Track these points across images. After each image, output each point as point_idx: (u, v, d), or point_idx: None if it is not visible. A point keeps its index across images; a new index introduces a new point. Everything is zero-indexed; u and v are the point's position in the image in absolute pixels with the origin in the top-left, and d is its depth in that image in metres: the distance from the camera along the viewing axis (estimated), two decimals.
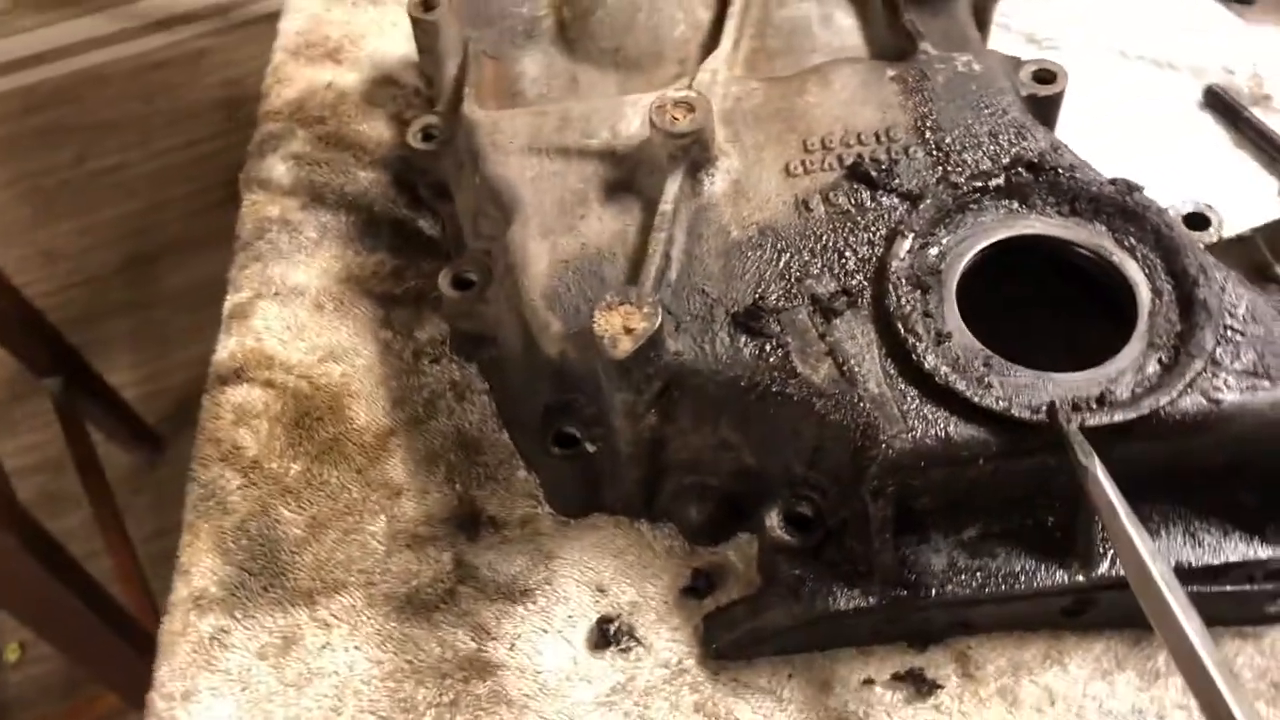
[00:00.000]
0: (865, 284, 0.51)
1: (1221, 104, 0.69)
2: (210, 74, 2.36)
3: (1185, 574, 0.49)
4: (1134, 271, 0.51)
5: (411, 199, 0.69)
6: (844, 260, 0.52)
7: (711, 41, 0.65)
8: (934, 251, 0.52)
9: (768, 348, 0.50)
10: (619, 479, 0.54)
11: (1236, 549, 0.50)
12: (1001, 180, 0.54)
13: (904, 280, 0.51)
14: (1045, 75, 0.61)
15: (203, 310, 0.73)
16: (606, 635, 0.53)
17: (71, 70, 2.47)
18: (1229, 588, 0.50)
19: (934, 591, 0.49)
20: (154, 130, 2.26)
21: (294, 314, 0.65)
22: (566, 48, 0.67)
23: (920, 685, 0.51)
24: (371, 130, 0.73)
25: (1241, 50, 0.72)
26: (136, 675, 0.59)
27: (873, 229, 0.53)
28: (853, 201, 0.54)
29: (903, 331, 0.49)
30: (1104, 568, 0.49)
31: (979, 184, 0.54)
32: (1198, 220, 0.54)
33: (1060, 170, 0.54)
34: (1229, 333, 0.48)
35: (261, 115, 0.75)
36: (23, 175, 2.25)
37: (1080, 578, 0.49)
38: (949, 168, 0.55)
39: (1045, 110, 0.61)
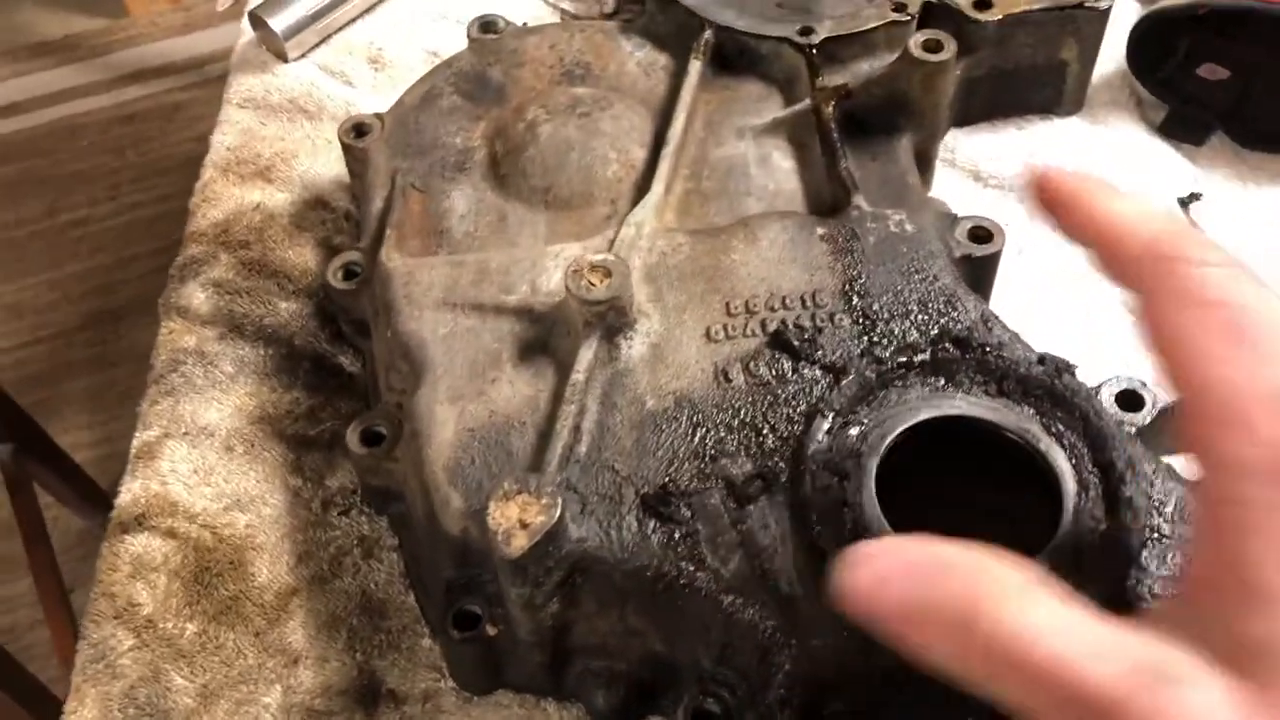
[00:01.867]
0: (782, 466, 0.49)
1: None
2: (183, 128, 2.35)
3: None
4: (1060, 460, 0.49)
5: (334, 333, 0.67)
6: (761, 439, 0.50)
7: (645, 181, 0.63)
8: (854, 432, 0.50)
9: (677, 535, 0.48)
10: (522, 660, 0.52)
11: None
12: (928, 355, 0.52)
13: (821, 466, 0.48)
14: (981, 234, 0.59)
15: None
16: None
17: (45, 121, 2.46)
18: None
19: None
20: (124, 184, 2.24)
21: (202, 456, 0.62)
22: (497, 183, 0.65)
23: None
24: (298, 257, 0.71)
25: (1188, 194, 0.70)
26: None
27: (793, 404, 0.51)
28: (773, 373, 0.52)
29: (816, 525, 0.47)
30: None
31: (904, 359, 0.52)
32: (1131, 399, 0.52)
33: (988, 347, 0.52)
34: (1155, 534, 0.46)
35: (186, 237, 0.73)
36: None
37: None
38: (874, 338, 0.53)
39: (982, 269, 0.60)
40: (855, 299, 0.55)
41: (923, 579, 0.32)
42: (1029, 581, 0.31)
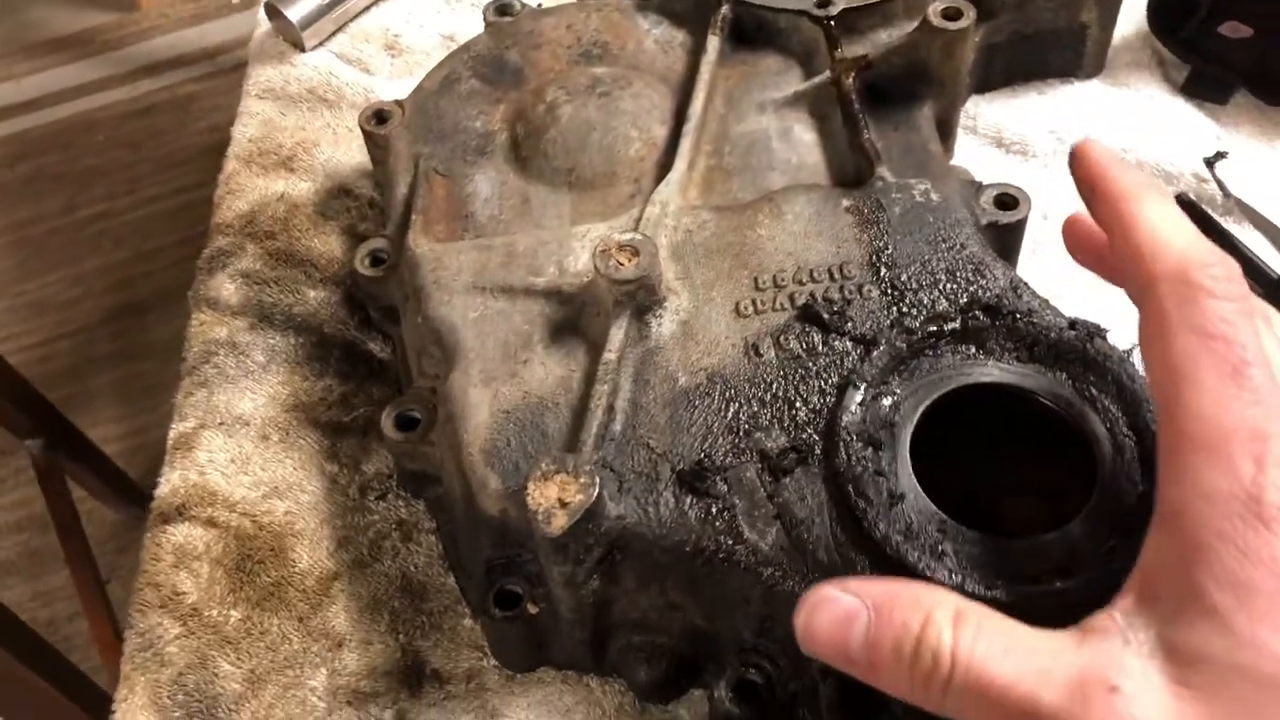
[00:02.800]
0: (816, 438, 0.49)
1: (1192, 213, 0.67)
2: (199, 119, 2.35)
3: None
4: (1095, 424, 0.49)
5: (362, 320, 0.68)
6: (794, 412, 0.50)
7: (667, 159, 0.63)
8: (887, 402, 0.50)
9: (714, 510, 0.48)
10: (564, 637, 0.52)
11: None
12: (958, 324, 0.52)
13: (855, 437, 0.49)
14: (1007, 200, 0.59)
15: None
16: None
17: (61, 117, 2.47)
18: None
19: None
20: (141, 178, 2.25)
21: (239, 445, 0.63)
22: (519, 166, 0.65)
23: None
24: (323, 245, 0.71)
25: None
26: None
27: (824, 376, 0.51)
28: (804, 346, 0.52)
29: (853, 495, 0.47)
30: None
31: (934, 328, 0.52)
32: None
33: (1019, 314, 0.52)
34: None
35: (212, 229, 0.73)
36: (11, 225, 2.24)
37: None
38: (904, 309, 0.53)
39: (1008, 236, 0.60)
40: (883, 270, 0.55)
41: (868, 619, 0.34)
42: (964, 608, 0.32)
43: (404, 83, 0.79)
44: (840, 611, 0.36)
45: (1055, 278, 0.64)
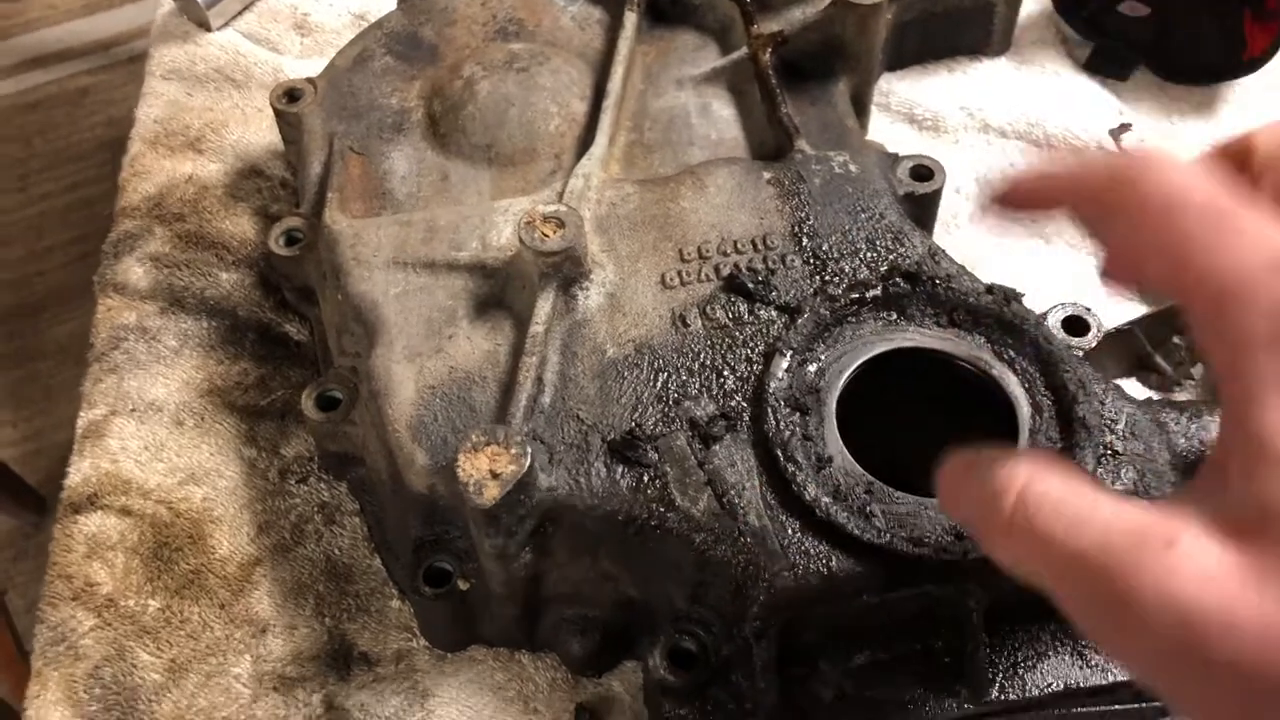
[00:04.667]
0: (744, 405, 0.50)
1: None
2: (93, 114, 2.27)
3: (1075, 695, 0.48)
4: (1014, 386, 0.50)
5: (278, 302, 0.66)
6: (722, 380, 0.51)
7: (588, 134, 0.63)
8: (812, 369, 0.51)
9: (645, 478, 0.48)
10: (495, 614, 0.52)
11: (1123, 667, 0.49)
12: (879, 291, 0.53)
13: (782, 402, 0.49)
14: (922, 171, 0.60)
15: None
16: None
17: None
18: (1118, 706, 0.49)
19: None
20: (32, 174, 2.16)
21: (152, 432, 0.61)
22: (438, 143, 0.64)
23: None
24: (235, 227, 0.69)
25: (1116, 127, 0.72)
26: None
27: (751, 345, 0.52)
28: (730, 315, 0.53)
29: (782, 459, 0.47)
30: (993, 693, 0.48)
31: (856, 295, 0.52)
32: (1077, 325, 0.54)
33: (938, 280, 0.53)
34: (1108, 451, 0.48)
35: (118, 212, 0.71)
36: None
37: (969, 705, 0.48)
38: (826, 277, 0.54)
39: (924, 206, 0.61)
40: (805, 240, 0.55)
41: (967, 472, 0.34)
42: (1041, 464, 0.32)
43: (314, 62, 0.78)
44: (947, 473, 0.36)
45: (969, 248, 0.66)
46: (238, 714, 0.53)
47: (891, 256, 0.54)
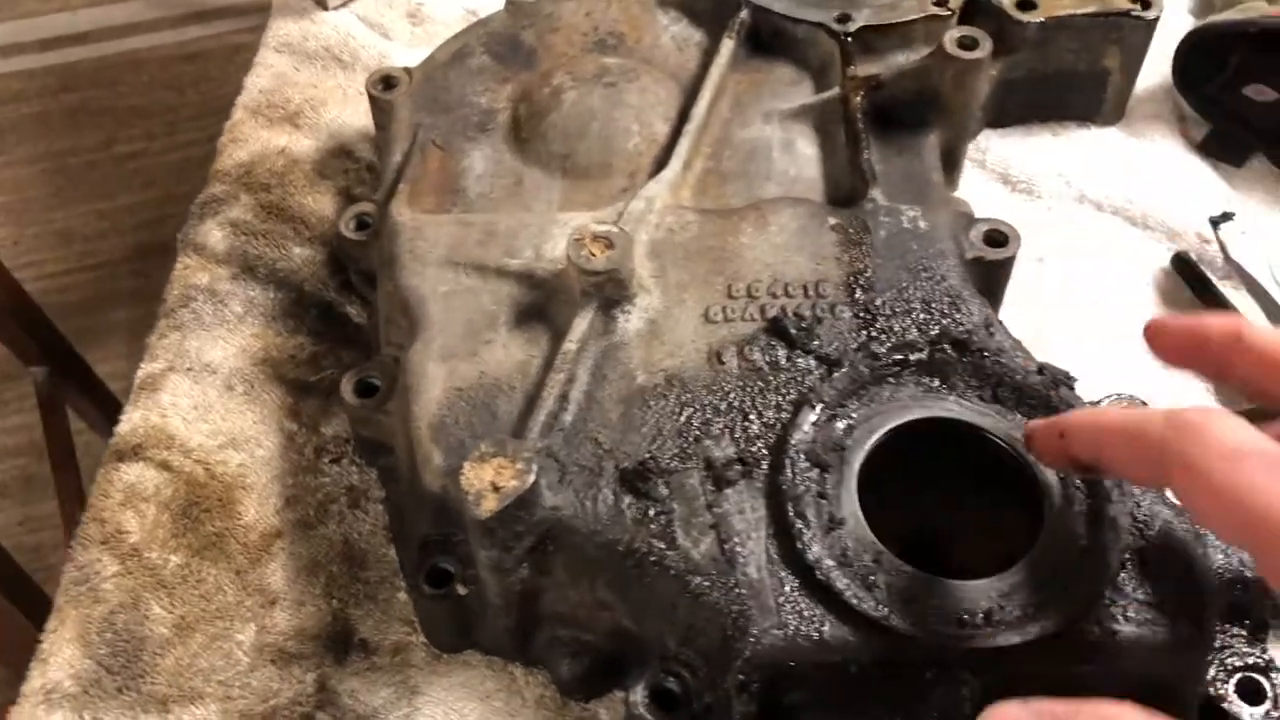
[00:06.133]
0: (765, 453, 0.49)
1: (1190, 273, 0.66)
2: (243, 70, 2.36)
3: None
4: (1048, 472, 0.48)
5: (343, 283, 0.67)
6: (747, 424, 0.50)
7: (665, 156, 0.63)
8: (841, 425, 0.49)
9: (651, 512, 0.48)
10: (490, 622, 0.52)
11: None
12: (924, 355, 0.51)
13: (803, 455, 0.48)
14: (996, 237, 0.58)
15: None
16: None
17: (109, 53, 2.48)
18: None
19: None
20: (181, 121, 2.26)
21: (204, 392, 0.63)
22: (518, 147, 0.65)
23: None
24: (316, 204, 0.71)
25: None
26: None
27: (783, 392, 0.51)
28: (767, 359, 0.52)
29: (791, 514, 0.46)
30: None
31: (900, 356, 0.51)
32: None
33: (987, 352, 0.51)
34: (1133, 557, 0.45)
35: (210, 175, 0.73)
36: (50, 154, 2.26)
37: None
38: (873, 333, 0.52)
39: (994, 273, 0.59)
40: (859, 292, 0.54)
41: None
42: None
43: (421, 51, 0.78)
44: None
45: (1043, 322, 0.64)
46: (233, 680, 0.54)
47: (945, 321, 0.53)
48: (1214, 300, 0.65)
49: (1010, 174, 0.72)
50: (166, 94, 2.36)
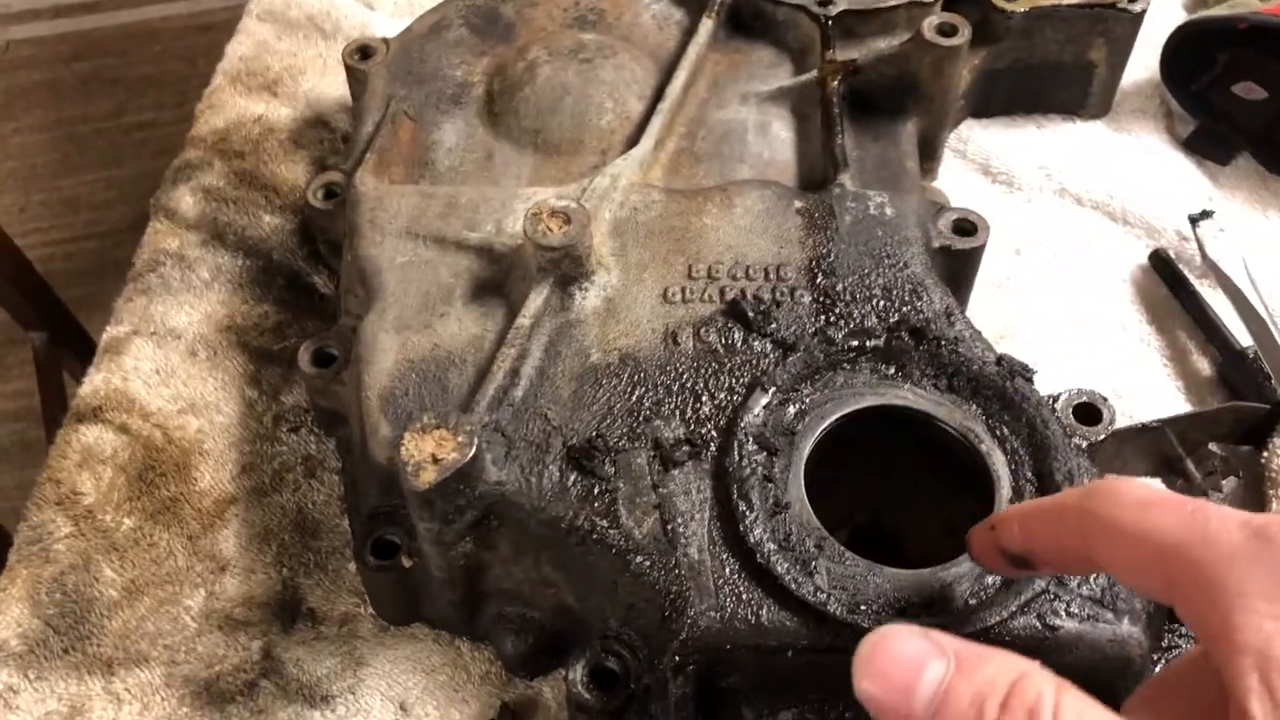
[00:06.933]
0: (714, 435, 0.48)
1: (1166, 271, 0.65)
2: None
3: None
4: (999, 464, 0.47)
5: (312, 252, 0.67)
6: (699, 405, 0.49)
7: (638, 134, 0.62)
8: (792, 410, 0.49)
9: (596, 490, 0.47)
10: (436, 596, 0.52)
11: None
12: (881, 342, 0.51)
13: (751, 438, 0.47)
14: (965, 226, 0.57)
15: None
16: None
17: (123, 22, 2.48)
18: None
19: None
20: (192, 91, 2.26)
21: (166, 357, 0.63)
22: (490, 121, 0.64)
23: None
24: (289, 173, 0.70)
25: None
26: None
27: (736, 375, 0.50)
28: (723, 341, 0.51)
29: (735, 496, 0.46)
30: None
31: (856, 343, 0.50)
32: (1089, 413, 0.50)
33: (944, 341, 0.50)
34: None
35: (186, 140, 0.73)
36: (60, 121, 2.25)
37: None
38: (831, 319, 0.52)
39: (962, 263, 0.58)
40: (819, 277, 0.53)
41: (946, 667, 0.33)
42: (1064, 682, 0.32)
43: (404, 23, 0.77)
44: (912, 653, 0.33)
45: (1010, 315, 0.63)
46: (180, 644, 0.54)
47: (904, 309, 0.52)
48: (1189, 300, 0.64)
49: (991, 165, 0.71)
50: (178, 64, 2.36)
